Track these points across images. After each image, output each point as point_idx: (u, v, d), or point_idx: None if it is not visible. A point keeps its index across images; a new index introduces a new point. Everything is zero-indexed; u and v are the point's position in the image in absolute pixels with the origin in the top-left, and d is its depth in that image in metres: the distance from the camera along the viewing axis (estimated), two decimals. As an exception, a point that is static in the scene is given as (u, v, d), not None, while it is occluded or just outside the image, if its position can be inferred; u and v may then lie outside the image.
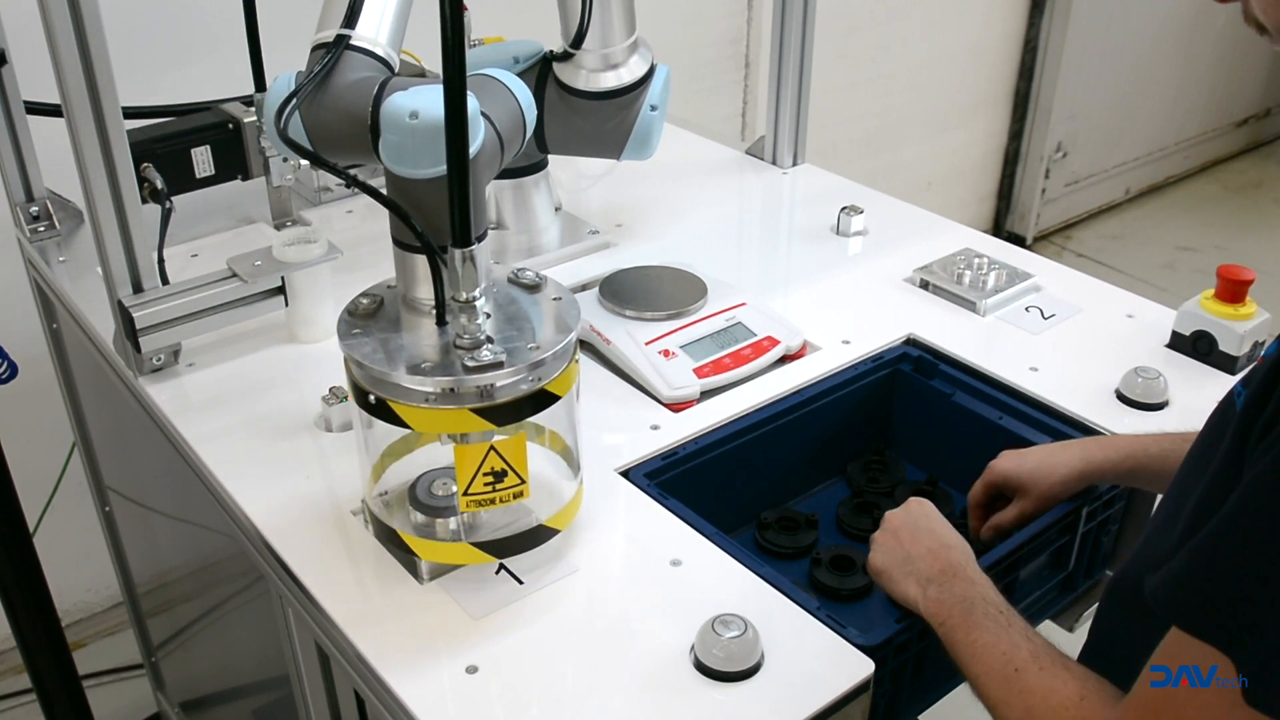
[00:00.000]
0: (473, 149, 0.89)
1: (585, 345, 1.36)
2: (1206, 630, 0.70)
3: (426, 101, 0.88)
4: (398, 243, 0.94)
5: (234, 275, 1.29)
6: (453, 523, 1.01)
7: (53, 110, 1.29)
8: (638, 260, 1.48)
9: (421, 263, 0.93)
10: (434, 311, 0.93)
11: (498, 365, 0.88)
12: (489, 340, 0.89)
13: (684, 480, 1.17)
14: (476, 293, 0.89)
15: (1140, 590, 0.76)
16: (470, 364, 0.87)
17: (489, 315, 0.93)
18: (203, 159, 1.57)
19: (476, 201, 0.90)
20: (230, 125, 1.58)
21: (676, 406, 1.25)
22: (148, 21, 1.99)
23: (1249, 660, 0.68)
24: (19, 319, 1.87)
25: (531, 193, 1.55)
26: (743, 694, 0.89)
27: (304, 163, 1.57)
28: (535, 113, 1.09)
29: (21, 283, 1.67)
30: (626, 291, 1.37)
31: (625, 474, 1.15)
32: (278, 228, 1.60)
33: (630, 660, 0.93)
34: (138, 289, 1.25)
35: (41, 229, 1.57)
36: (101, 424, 1.72)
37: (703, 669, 0.91)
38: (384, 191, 0.95)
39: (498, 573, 1.01)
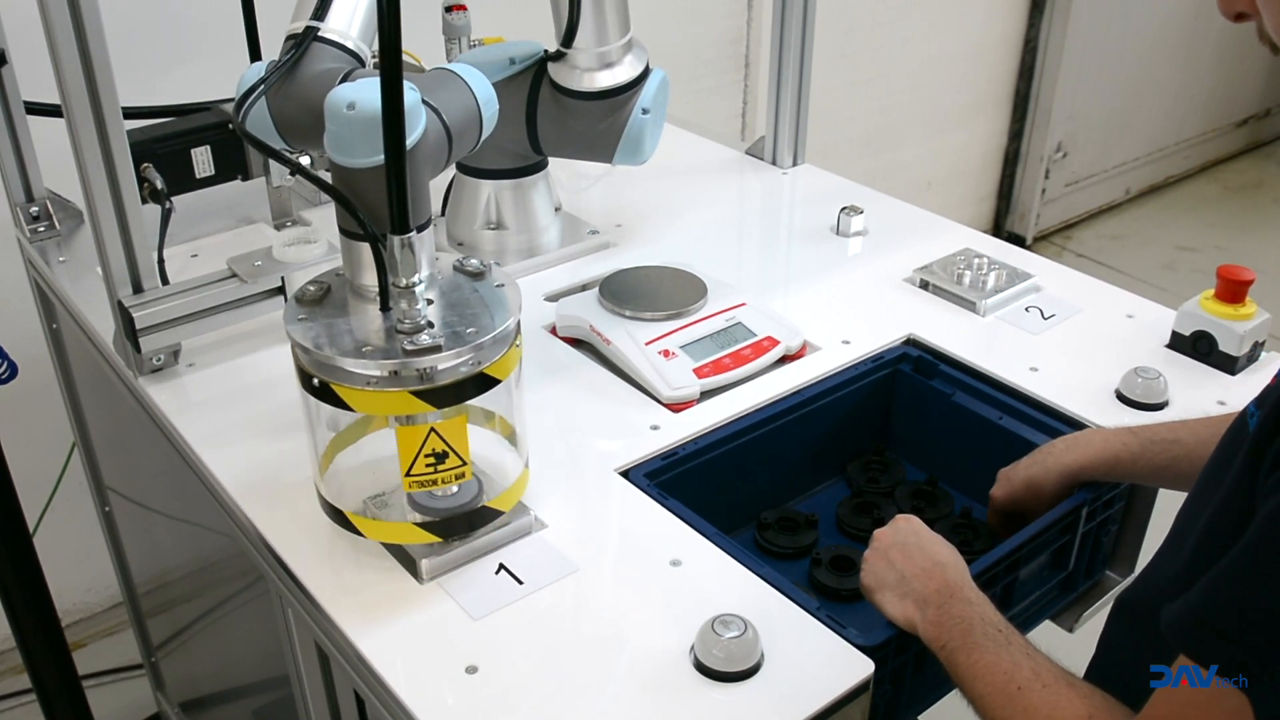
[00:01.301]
0: (411, 140, 0.92)
1: (585, 345, 1.36)
2: (1223, 665, 0.70)
3: (365, 93, 0.90)
4: (344, 231, 0.97)
5: (234, 275, 1.29)
6: (393, 514, 1.04)
7: (53, 110, 1.29)
8: (638, 260, 1.48)
9: (366, 250, 0.95)
10: (378, 297, 0.95)
11: (436, 349, 0.90)
12: (429, 325, 0.92)
13: (684, 480, 1.17)
14: (416, 279, 0.92)
15: (1150, 611, 0.76)
16: (410, 347, 0.90)
17: (431, 301, 0.95)
18: (203, 159, 1.58)
19: (416, 191, 0.93)
20: (230, 125, 1.58)
21: (676, 406, 1.25)
22: (148, 21, 1.99)
23: (1264, 695, 0.68)
24: (19, 319, 1.87)
25: (531, 193, 1.55)
26: (743, 694, 0.89)
27: (304, 161, 1.57)
28: (495, 107, 1.11)
29: (21, 283, 1.67)
30: (626, 291, 1.37)
31: (625, 474, 1.15)
32: (278, 228, 1.60)
33: (630, 660, 0.93)
34: (138, 289, 1.25)
35: (41, 229, 1.57)
36: (101, 424, 1.72)
37: (703, 669, 0.91)
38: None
39: (497, 573, 1.01)
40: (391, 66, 0.83)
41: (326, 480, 1.03)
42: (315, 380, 0.93)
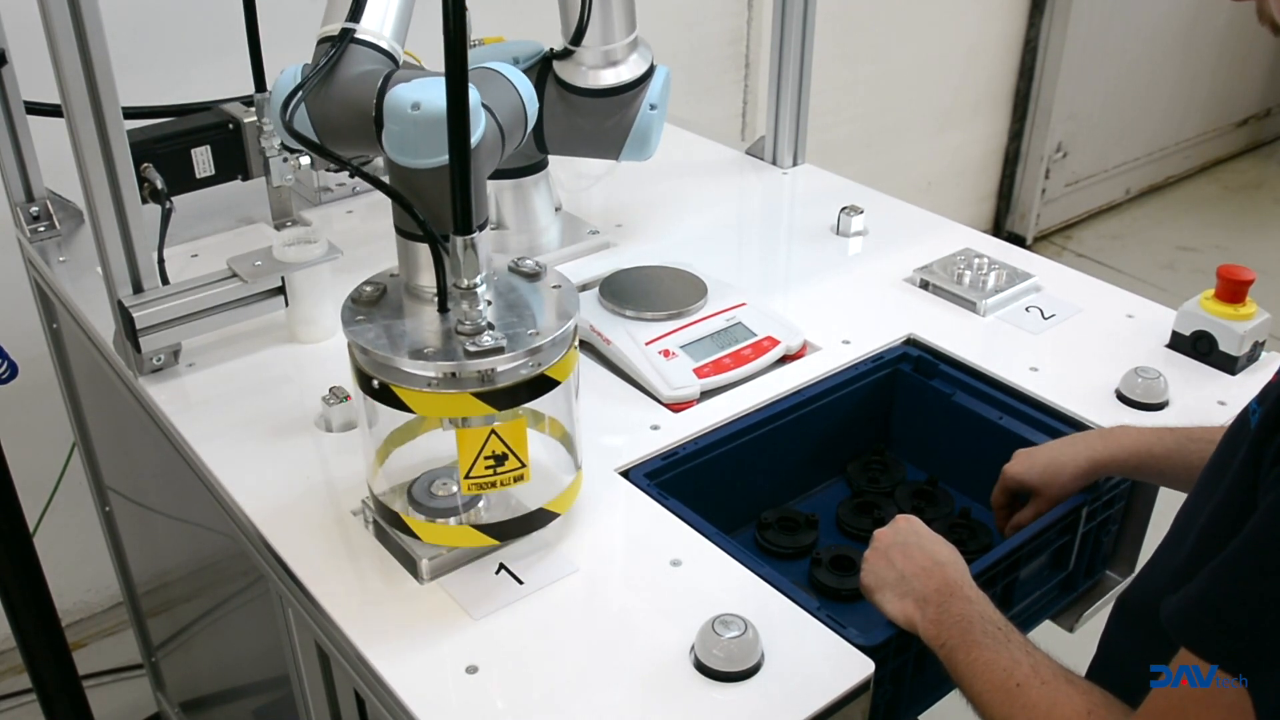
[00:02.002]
0: (474, 139, 0.91)
1: (585, 345, 1.36)
2: (1223, 658, 0.70)
3: (429, 93, 0.90)
4: (400, 231, 0.96)
5: (234, 275, 1.29)
6: (451, 519, 1.02)
7: (53, 110, 1.29)
8: (638, 260, 1.48)
9: (424, 251, 0.95)
10: (436, 298, 0.95)
11: (498, 350, 0.89)
12: (490, 326, 0.91)
13: (684, 480, 1.17)
14: (478, 280, 0.91)
15: (1151, 610, 0.76)
16: (472, 349, 0.89)
17: (490, 302, 0.95)
18: (203, 159, 1.58)
19: (478, 190, 0.92)
20: (230, 125, 1.58)
21: (676, 406, 1.25)
22: (148, 21, 1.99)
23: (1264, 687, 0.68)
24: (19, 319, 1.87)
25: (531, 193, 1.55)
26: (743, 694, 0.89)
27: (305, 162, 1.57)
28: (536, 104, 1.11)
29: (21, 283, 1.67)
30: (626, 291, 1.37)
31: (625, 474, 1.15)
32: (278, 228, 1.60)
33: (630, 660, 0.93)
34: (138, 289, 1.25)
35: (41, 229, 1.57)
36: (101, 424, 1.72)
37: (703, 669, 0.91)
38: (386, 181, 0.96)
39: (498, 573, 1.01)
40: (457, 66, 0.82)
41: (380, 479, 1.03)
42: (375, 382, 0.92)
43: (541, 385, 0.93)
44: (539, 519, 1.01)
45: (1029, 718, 0.82)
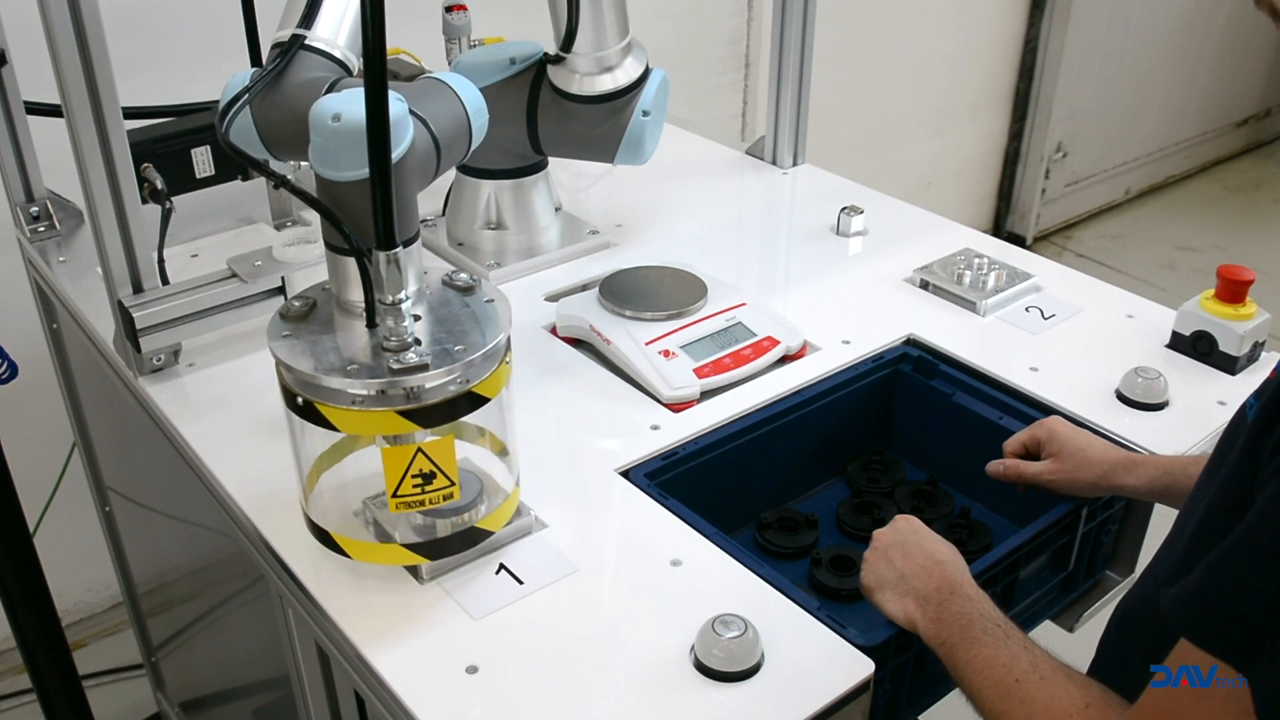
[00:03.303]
0: (398, 152, 0.90)
1: (585, 345, 1.36)
2: (1221, 647, 0.69)
3: (350, 104, 0.88)
4: (329, 245, 0.94)
5: (234, 275, 1.29)
6: (376, 535, 1.01)
7: (53, 110, 1.29)
8: (638, 260, 1.48)
9: (352, 265, 0.93)
10: (365, 314, 0.93)
11: (423, 367, 0.88)
12: (416, 342, 0.90)
13: (684, 480, 1.17)
14: (403, 295, 0.89)
15: (1149, 612, 0.76)
16: (396, 366, 0.88)
17: (418, 317, 0.93)
18: (203, 159, 1.58)
19: (403, 204, 0.90)
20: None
21: (676, 406, 1.25)
22: (148, 21, 1.99)
23: (1263, 677, 0.68)
24: (19, 319, 1.87)
25: (531, 193, 1.55)
26: (743, 694, 0.89)
27: (305, 162, 1.57)
28: (485, 117, 1.09)
29: (21, 283, 1.67)
30: (626, 291, 1.37)
31: (625, 474, 1.15)
32: (278, 228, 1.60)
33: (630, 660, 0.93)
34: (138, 289, 1.25)
35: (41, 229, 1.57)
36: (101, 424, 1.72)
37: (703, 669, 0.91)
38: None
39: (498, 573, 1.01)
40: (376, 77, 0.81)
41: (313, 500, 1.01)
42: (299, 399, 0.91)
43: (471, 402, 0.91)
44: (472, 536, 0.99)
45: (1027, 712, 0.82)
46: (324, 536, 0.99)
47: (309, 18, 1.14)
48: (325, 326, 0.94)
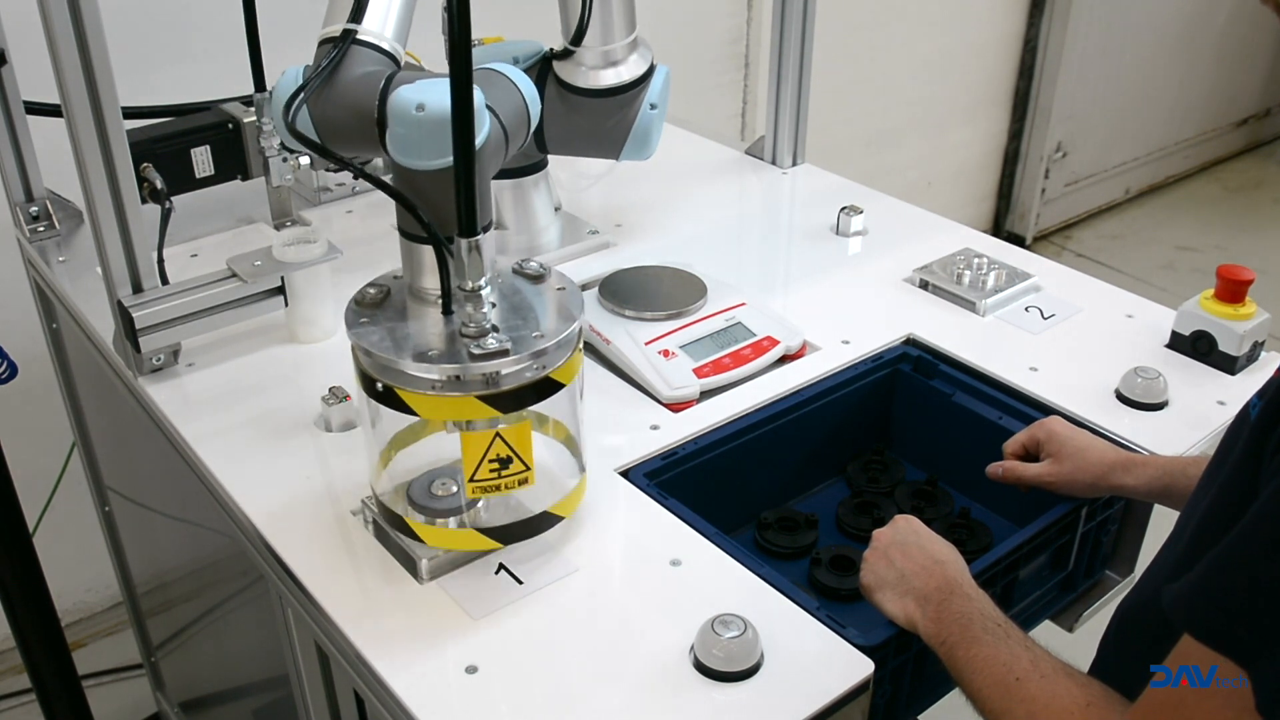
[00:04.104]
0: (478, 141, 0.91)
1: (585, 345, 1.36)
2: (1223, 641, 0.69)
3: (433, 94, 0.90)
4: (404, 233, 0.96)
5: (234, 275, 1.29)
6: (452, 521, 1.02)
7: (53, 110, 1.29)
8: (638, 260, 1.48)
9: (428, 253, 0.94)
10: (440, 301, 0.95)
11: (503, 353, 0.89)
12: (494, 329, 0.91)
13: (684, 480, 1.17)
14: (482, 282, 0.90)
15: (1151, 612, 0.76)
16: (476, 351, 0.89)
17: (494, 305, 0.94)
18: (203, 159, 1.57)
19: (482, 192, 0.92)
20: (230, 125, 1.58)
21: (676, 406, 1.25)
22: (148, 21, 1.99)
23: (1265, 672, 0.68)
24: (19, 319, 1.87)
25: (531, 193, 1.55)
26: (743, 694, 0.89)
27: (304, 162, 1.57)
28: (539, 106, 1.11)
29: (21, 283, 1.67)
30: (626, 291, 1.37)
31: (625, 474, 1.15)
32: (278, 228, 1.60)
33: (630, 660, 0.93)
34: (138, 289, 1.25)
35: (41, 229, 1.57)
36: (101, 424, 1.72)
37: (702, 669, 0.91)
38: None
39: (497, 573, 1.01)
40: (462, 68, 0.82)
41: (383, 484, 1.02)
42: (379, 384, 0.92)
43: (546, 388, 0.93)
44: (543, 522, 1.01)
45: (1028, 711, 0.82)
46: (396, 521, 1.00)
47: (358, 12, 1.15)
48: (400, 313, 0.96)
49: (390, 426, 1.02)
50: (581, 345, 0.97)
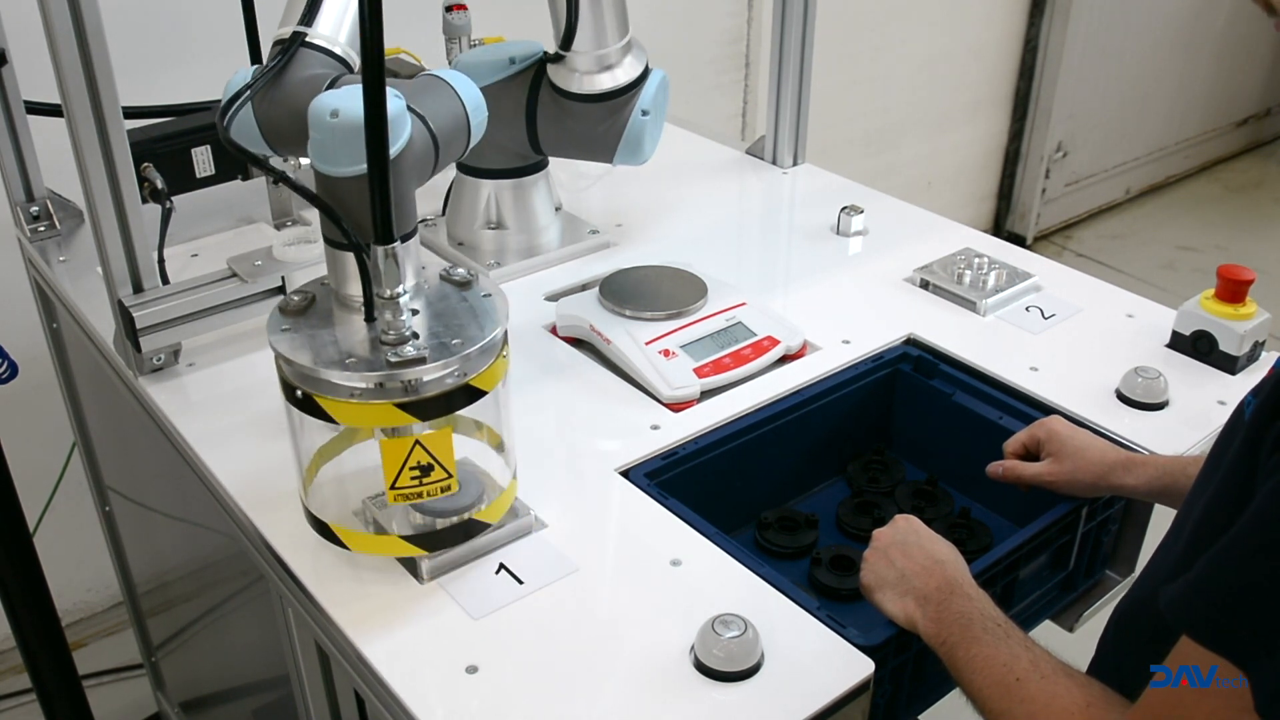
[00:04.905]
0: (395, 148, 0.90)
1: (585, 345, 1.36)
2: (1221, 642, 0.69)
3: (349, 100, 0.89)
4: (328, 240, 0.95)
5: (234, 275, 1.29)
6: (372, 528, 1.02)
7: (53, 110, 1.29)
8: (638, 260, 1.48)
9: (350, 260, 0.94)
10: (363, 308, 0.94)
11: (420, 360, 0.89)
12: (414, 336, 0.91)
13: (684, 480, 1.17)
14: (401, 289, 0.91)
15: (1148, 612, 0.76)
16: (394, 359, 0.89)
17: (416, 312, 0.94)
18: (203, 159, 1.58)
19: (401, 199, 0.91)
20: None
21: (676, 406, 1.25)
22: (148, 21, 1.99)
23: (1263, 672, 0.68)
24: (19, 319, 1.87)
25: (531, 193, 1.55)
26: (743, 694, 0.89)
27: (304, 161, 1.57)
28: (484, 114, 1.10)
29: (21, 283, 1.67)
30: (626, 291, 1.37)
31: (625, 474, 1.15)
32: (278, 228, 1.60)
33: (630, 660, 0.93)
34: (138, 289, 1.25)
35: (41, 229, 1.57)
36: (101, 424, 1.72)
37: (702, 669, 0.91)
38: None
39: (498, 573, 1.01)
40: (374, 73, 0.82)
41: (312, 492, 1.02)
42: (299, 392, 0.92)
43: (468, 395, 0.92)
44: (470, 529, 1.00)
45: (1028, 711, 0.82)
46: (323, 528, 1.00)
47: (310, 15, 1.15)
48: (324, 321, 0.95)
49: (317, 435, 1.01)
50: (506, 351, 0.96)
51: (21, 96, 1.50)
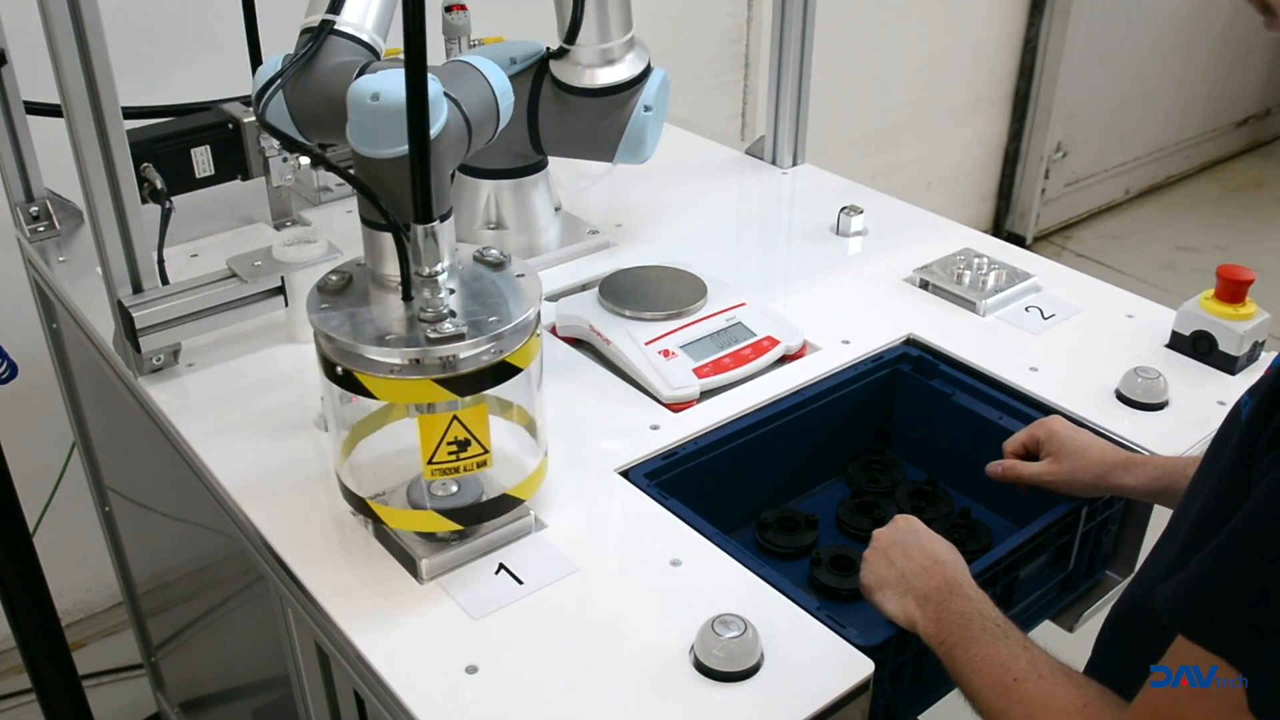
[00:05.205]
0: (434, 130, 0.92)
1: (585, 345, 1.36)
2: (1216, 641, 0.69)
3: (389, 84, 0.91)
4: (365, 221, 0.97)
5: (234, 275, 1.29)
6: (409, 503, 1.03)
7: (53, 110, 1.29)
8: (638, 260, 1.48)
9: (388, 240, 0.96)
10: (400, 287, 0.96)
11: (459, 337, 0.91)
12: (452, 313, 0.93)
13: (684, 480, 1.17)
14: (439, 267, 0.93)
15: (1144, 611, 0.76)
16: (433, 336, 0.90)
17: (453, 291, 0.96)
18: (203, 159, 1.57)
19: (439, 180, 0.93)
20: (230, 125, 1.58)
21: (676, 406, 1.25)
22: (148, 21, 1.99)
23: (1257, 671, 0.68)
24: (19, 319, 1.87)
25: (531, 193, 1.55)
26: (742, 694, 0.89)
27: (304, 162, 1.57)
28: (511, 98, 1.12)
29: (21, 283, 1.67)
30: (626, 291, 1.37)
31: (625, 474, 1.15)
32: (278, 228, 1.60)
33: (630, 660, 0.93)
34: (138, 289, 1.25)
35: (41, 229, 1.57)
36: (101, 424, 1.72)
37: (702, 669, 0.91)
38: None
39: (497, 573, 1.01)
40: (416, 57, 0.84)
41: (347, 470, 1.04)
42: (339, 368, 0.94)
43: (503, 372, 0.94)
44: (503, 504, 1.02)
45: (1025, 711, 0.82)
46: (360, 504, 1.02)
47: (338, 3, 1.16)
48: (361, 300, 0.97)
49: (353, 413, 1.03)
50: (539, 331, 0.99)
51: (21, 96, 1.50)
